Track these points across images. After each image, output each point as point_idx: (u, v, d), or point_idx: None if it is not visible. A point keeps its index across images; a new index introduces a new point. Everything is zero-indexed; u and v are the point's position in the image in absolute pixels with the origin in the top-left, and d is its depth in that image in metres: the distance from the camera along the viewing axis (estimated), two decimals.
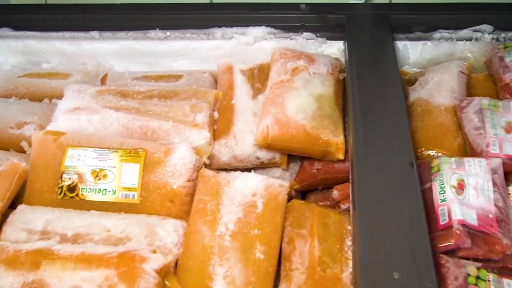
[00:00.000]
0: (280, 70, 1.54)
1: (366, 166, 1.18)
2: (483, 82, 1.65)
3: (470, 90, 1.63)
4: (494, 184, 1.22)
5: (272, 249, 1.21)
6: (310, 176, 1.48)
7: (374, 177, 1.16)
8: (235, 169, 1.47)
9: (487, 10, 1.75)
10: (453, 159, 1.28)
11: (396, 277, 0.96)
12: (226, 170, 1.45)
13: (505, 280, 1.08)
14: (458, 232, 1.12)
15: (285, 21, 1.75)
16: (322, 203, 1.48)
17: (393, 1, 1.85)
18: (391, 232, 1.04)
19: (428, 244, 1.01)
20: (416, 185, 1.13)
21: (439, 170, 1.25)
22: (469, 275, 1.07)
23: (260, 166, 1.52)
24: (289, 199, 1.37)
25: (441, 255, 1.11)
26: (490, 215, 1.16)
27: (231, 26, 1.76)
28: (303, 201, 1.37)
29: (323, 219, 1.26)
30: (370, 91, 1.38)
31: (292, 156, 1.53)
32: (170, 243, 1.23)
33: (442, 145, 1.40)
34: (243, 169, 1.48)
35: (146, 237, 1.24)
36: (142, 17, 1.86)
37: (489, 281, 1.06)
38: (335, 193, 1.40)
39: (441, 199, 1.19)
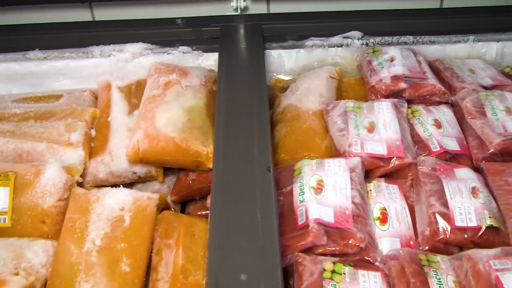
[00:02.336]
0: (153, 85, 1.56)
1: (224, 173, 1.21)
2: (355, 86, 1.72)
3: (342, 94, 1.69)
4: (352, 182, 1.28)
5: (138, 261, 1.22)
6: (186, 187, 1.50)
7: (231, 184, 1.19)
8: (114, 185, 1.46)
9: (356, 17, 1.84)
10: (314, 161, 1.33)
11: (243, 278, 0.98)
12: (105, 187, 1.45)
13: (360, 271, 1.13)
14: (314, 230, 1.16)
15: (162, 36, 1.78)
16: (200, 213, 1.51)
17: (271, 11, 1.90)
18: (242, 236, 1.07)
19: (276, 245, 1.05)
20: (271, 189, 1.16)
21: (300, 172, 1.30)
22: (324, 270, 1.11)
23: (138, 181, 1.54)
24: (165, 210, 1.39)
25: (299, 253, 1.15)
26: (347, 212, 1.21)
27: (109, 44, 1.77)
28: (172, 212, 1.39)
29: (190, 228, 1.29)
30: (235, 101, 1.42)
31: (171, 168, 1.55)
32: (37, 264, 1.23)
33: (311, 148, 1.45)
34: (122, 185, 1.48)
35: (13, 260, 1.22)
36: (21, 38, 1.84)
37: (344, 274, 1.11)
38: (208, 202, 1.42)
39: (300, 200, 1.23)
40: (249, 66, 1.56)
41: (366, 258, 1.18)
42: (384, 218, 1.27)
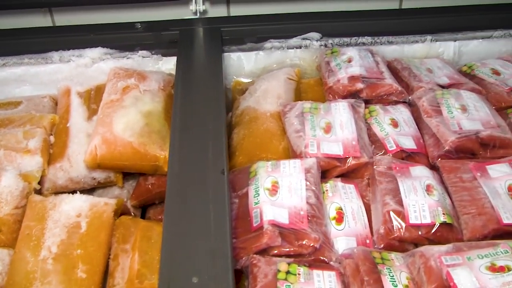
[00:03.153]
0: (111, 90, 1.56)
1: (179, 177, 1.22)
2: (314, 87, 1.74)
3: (301, 95, 1.71)
4: (307, 182, 1.29)
5: (95, 267, 1.22)
6: (145, 191, 1.50)
7: (186, 187, 1.20)
8: (73, 191, 1.46)
9: (314, 19, 1.85)
10: (269, 163, 1.34)
11: (194, 281, 0.99)
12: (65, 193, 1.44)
13: (315, 271, 1.14)
14: (268, 232, 1.17)
15: (121, 40, 1.77)
16: (160, 217, 1.51)
17: (231, 14, 1.91)
18: (195, 239, 1.08)
19: (228, 248, 1.06)
20: (225, 192, 1.17)
21: (256, 174, 1.31)
22: (279, 271, 1.12)
23: (98, 186, 1.53)
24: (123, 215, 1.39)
25: (254, 255, 1.16)
26: (302, 212, 1.23)
27: (68, 49, 1.76)
28: (130, 217, 1.39)
29: (147, 233, 1.29)
30: (192, 104, 1.43)
31: (132, 173, 1.55)
32: None
33: (268, 150, 1.45)
34: (82, 191, 1.48)
35: None
36: None
37: (299, 274, 1.12)
38: None
39: (255, 202, 1.24)
40: (207, 69, 1.57)
41: (321, 258, 1.19)
42: (340, 218, 1.29)
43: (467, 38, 1.89)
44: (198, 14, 1.84)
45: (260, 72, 1.79)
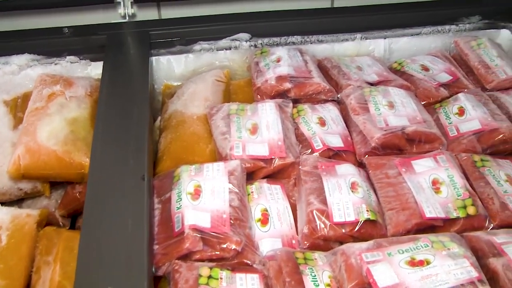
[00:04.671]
0: (36, 98, 1.53)
1: (98, 184, 1.21)
2: (244, 88, 1.74)
3: (232, 96, 1.71)
4: (231, 185, 1.29)
5: (15, 281, 1.20)
6: (73, 200, 1.49)
7: (105, 194, 1.19)
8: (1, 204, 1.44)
9: (244, 19, 1.85)
10: (193, 166, 1.34)
11: None
12: None
13: (238, 275, 1.14)
14: (189, 237, 1.17)
15: (49, 46, 1.74)
16: None
17: (162, 17, 1.90)
18: (112, 247, 1.07)
19: (145, 255, 1.06)
20: (144, 198, 1.17)
21: (179, 179, 1.31)
22: (200, 276, 1.12)
23: (26, 197, 1.51)
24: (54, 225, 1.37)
25: (176, 261, 1.15)
26: (224, 216, 1.23)
27: None
28: (54, 228, 1.37)
29: (69, 243, 1.27)
30: (115, 109, 1.41)
31: (61, 182, 1.53)
32: None
33: (195, 153, 1.45)
34: (9, 202, 1.46)
35: None
36: None
37: (221, 278, 1.12)
38: None
39: (177, 207, 1.24)
40: (133, 73, 1.56)
41: (245, 261, 1.19)
42: (265, 219, 1.30)
43: (397, 35, 1.92)
44: (127, 18, 1.83)
45: (190, 75, 1.78)
